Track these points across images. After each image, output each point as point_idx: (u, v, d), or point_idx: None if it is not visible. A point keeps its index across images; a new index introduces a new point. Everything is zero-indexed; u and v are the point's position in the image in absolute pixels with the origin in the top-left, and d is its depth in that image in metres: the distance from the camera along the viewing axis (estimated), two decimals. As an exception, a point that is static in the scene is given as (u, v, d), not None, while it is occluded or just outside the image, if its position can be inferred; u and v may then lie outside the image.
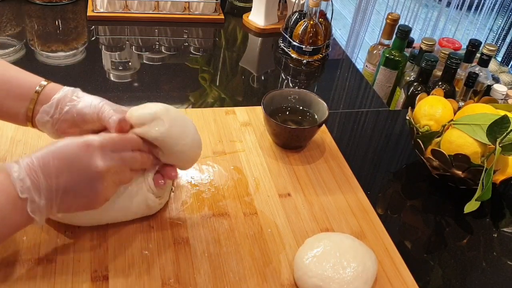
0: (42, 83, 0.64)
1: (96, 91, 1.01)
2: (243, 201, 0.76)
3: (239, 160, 0.83)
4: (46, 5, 1.32)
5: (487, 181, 0.75)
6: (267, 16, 1.33)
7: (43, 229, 0.66)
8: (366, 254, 0.65)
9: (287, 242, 0.70)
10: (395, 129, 1.03)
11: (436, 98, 0.89)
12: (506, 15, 2.54)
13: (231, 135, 0.89)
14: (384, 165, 0.92)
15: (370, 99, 1.16)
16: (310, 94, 0.89)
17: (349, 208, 0.77)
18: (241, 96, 1.09)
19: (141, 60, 1.17)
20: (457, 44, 1.33)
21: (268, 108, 0.86)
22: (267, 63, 1.26)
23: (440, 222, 0.81)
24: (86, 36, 1.23)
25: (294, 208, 0.76)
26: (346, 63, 1.30)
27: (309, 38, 1.21)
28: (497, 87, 1.05)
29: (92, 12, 1.28)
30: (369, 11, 2.35)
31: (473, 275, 0.72)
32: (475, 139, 0.79)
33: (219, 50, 1.26)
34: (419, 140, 0.85)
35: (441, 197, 0.85)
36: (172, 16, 1.33)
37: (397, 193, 0.86)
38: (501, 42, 2.57)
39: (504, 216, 0.85)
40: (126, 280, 0.62)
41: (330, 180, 0.82)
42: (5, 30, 1.20)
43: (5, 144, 0.79)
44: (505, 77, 1.41)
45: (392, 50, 1.23)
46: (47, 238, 0.65)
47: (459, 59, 1.06)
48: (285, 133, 0.85)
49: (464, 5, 2.54)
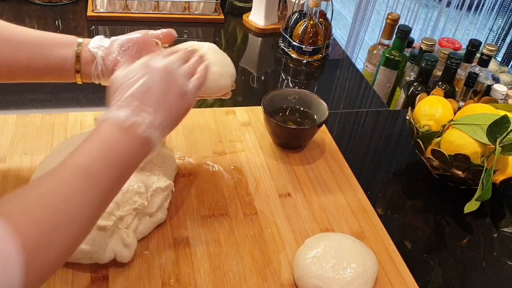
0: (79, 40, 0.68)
1: (96, 91, 1.01)
2: (243, 201, 0.76)
3: (239, 160, 0.83)
4: (46, 5, 1.32)
5: (487, 181, 0.75)
6: (267, 16, 1.33)
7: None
8: (367, 255, 0.65)
9: (287, 242, 0.70)
10: (395, 129, 1.03)
11: (436, 98, 0.89)
12: (506, 15, 2.54)
13: (231, 135, 0.89)
14: (384, 165, 0.92)
15: (370, 99, 1.16)
16: (310, 94, 0.89)
17: (349, 208, 0.77)
18: (241, 96, 1.09)
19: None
20: (457, 44, 1.33)
21: (268, 108, 0.86)
22: (267, 63, 1.26)
23: (440, 222, 0.81)
24: (86, 36, 1.22)
25: (294, 208, 0.76)
26: (346, 63, 1.30)
27: (309, 38, 1.21)
28: (497, 87, 1.05)
29: (92, 12, 1.28)
30: (369, 11, 2.35)
31: (473, 275, 0.72)
32: (475, 139, 0.79)
33: (219, 50, 1.26)
34: (419, 140, 0.85)
35: (441, 197, 0.85)
36: (172, 16, 1.33)
37: (397, 193, 0.86)
38: (501, 42, 2.56)
39: (504, 216, 0.84)
40: (126, 280, 0.62)
41: (330, 180, 0.82)
42: (5, 30, 1.20)
43: (5, 144, 0.79)
44: (505, 77, 1.41)
45: (392, 50, 1.23)
46: (47, 238, 0.65)
47: (459, 59, 1.05)
48: (285, 133, 0.85)
49: (464, 5, 2.54)
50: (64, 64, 0.66)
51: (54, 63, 0.65)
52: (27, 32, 0.65)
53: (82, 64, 0.66)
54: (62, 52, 0.66)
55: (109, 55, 0.67)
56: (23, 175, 0.74)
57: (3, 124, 0.83)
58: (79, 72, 0.67)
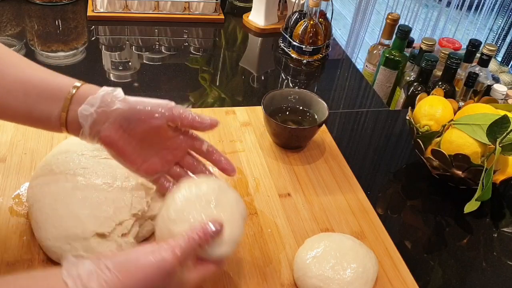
0: (76, 84, 0.57)
1: (96, 91, 1.01)
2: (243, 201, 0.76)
3: (239, 160, 0.83)
4: (46, 5, 1.32)
5: (487, 181, 0.75)
6: (267, 16, 1.33)
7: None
8: (367, 255, 0.65)
9: (287, 242, 0.70)
10: (395, 129, 1.03)
11: (436, 98, 0.89)
12: (506, 15, 2.54)
13: (231, 135, 0.89)
14: (384, 165, 0.92)
15: (370, 99, 1.16)
16: (310, 94, 0.89)
17: (349, 208, 0.77)
18: (241, 96, 1.09)
19: (141, 60, 1.17)
20: (457, 44, 1.33)
21: (268, 108, 0.86)
22: (267, 63, 1.26)
23: (440, 222, 0.81)
24: (86, 36, 1.23)
25: (294, 208, 0.76)
26: (346, 63, 1.30)
27: (309, 38, 1.21)
28: (497, 87, 1.05)
29: (92, 12, 1.28)
30: (369, 11, 2.35)
31: (473, 275, 0.72)
32: (475, 139, 0.79)
33: (219, 50, 1.26)
34: (419, 140, 0.85)
35: (441, 197, 0.85)
36: (172, 16, 1.33)
37: (397, 193, 0.86)
38: (501, 42, 2.57)
39: (504, 216, 0.85)
40: (126, 280, 0.62)
41: (330, 180, 0.82)
42: (5, 30, 1.20)
43: (5, 144, 0.79)
44: (505, 77, 1.41)
45: (392, 50, 1.23)
46: (47, 238, 0.65)
47: (459, 59, 1.06)
48: (285, 133, 0.85)
49: (464, 5, 2.54)
50: (48, 121, 0.57)
51: (37, 117, 0.57)
52: (17, 73, 0.57)
53: (68, 125, 0.57)
54: (47, 109, 0.56)
55: (100, 130, 0.57)
56: (23, 175, 0.74)
57: (3, 124, 0.83)
58: (66, 129, 0.58)
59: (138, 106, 0.58)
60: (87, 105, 0.56)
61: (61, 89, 0.56)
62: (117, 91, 0.58)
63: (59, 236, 0.61)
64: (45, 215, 0.62)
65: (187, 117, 0.60)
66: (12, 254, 0.63)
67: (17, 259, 0.62)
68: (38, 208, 0.64)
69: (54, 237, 0.61)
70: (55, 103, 0.56)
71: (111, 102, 0.56)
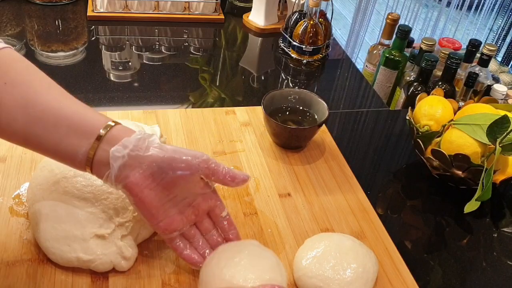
0: (110, 123, 0.54)
1: (96, 91, 1.01)
2: (243, 201, 0.76)
3: (239, 160, 0.83)
4: (46, 5, 1.32)
5: (487, 181, 0.75)
6: (267, 16, 1.33)
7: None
8: (367, 256, 0.65)
9: (287, 242, 0.70)
10: (395, 129, 1.03)
11: (436, 98, 0.89)
12: (506, 15, 2.55)
13: (231, 135, 0.89)
14: (384, 165, 0.92)
15: (370, 99, 1.16)
16: (310, 94, 0.89)
17: (349, 208, 0.77)
18: (241, 96, 1.09)
19: (141, 60, 1.17)
20: (457, 44, 1.33)
21: (268, 108, 0.86)
22: (267, 63, 1.26)
23: (440, 222, 0.81)
24: (86, 36, 1.23)
25: (294, 208, 0.76)
26: (346, 63, 1.30)
27: (309, 38, 1.21)
28: (497, 87, 1.05)
29: (92, 12, 1.28)
30: (369, 11, 2.35)
31: (473, 275, 0.72)
32: (475, 139, 0.79)
33: (219, 50, 1.26)
34: (419, 140, 0.85)
35: (441, 197, 0.85)
36: (172, 16, 1.33)
37: (397, 193, 0.86)
38: (501, 42, 2.57)
39: (504, 216, 0.85)
40: (126, 280, 0.62)
41: (330, 180, 0.82)
42: (5, 30, 1.20)
43: (5, 144, 0.79)
44: (505, 77, 1.41)
45: (392, 50, 1.23)
46: (47, 238, 0.65)
47: (459, 59, 1.06)
48: (285, 133, 0.85)
49: (464, 5, 2.55)
50: (74, 157, 0.54)
51: (63, 151, 0.54)
52: (49, 102, 0.54)
53: (93, 165, 0.54)
54: (75, 143, 0.53)
55: (129, 175, 0.54)
56: (23, 175, 0.74)
57: (3, 124, 0.83)
58: (90, 169, 0.55)
59: (174, 154, 0.55)
60: (120, 147, 0.53)
61: (94, 125, 0.54)
62: (153, 137, 0.55)
63: (58, 237, 0.61)
64: (45, 215, 0.62)
65: (221, 172, 0.58)
66: (12, 254, 0.63)
67: (17, 259, 0.62)
68: (37, 209, 0.64)
69: (53, 238, 0.61)
70: (84, 139, 0.53)
71: (146, 147, 0.54)
